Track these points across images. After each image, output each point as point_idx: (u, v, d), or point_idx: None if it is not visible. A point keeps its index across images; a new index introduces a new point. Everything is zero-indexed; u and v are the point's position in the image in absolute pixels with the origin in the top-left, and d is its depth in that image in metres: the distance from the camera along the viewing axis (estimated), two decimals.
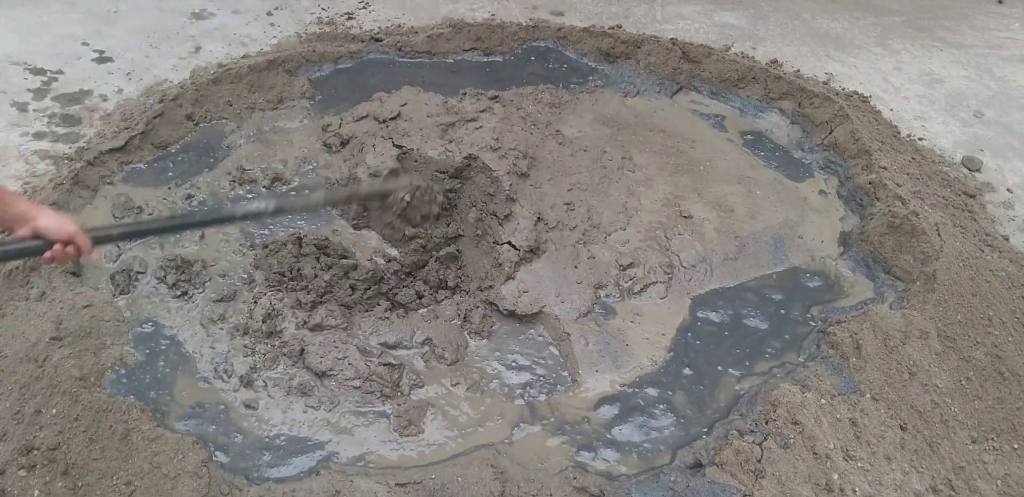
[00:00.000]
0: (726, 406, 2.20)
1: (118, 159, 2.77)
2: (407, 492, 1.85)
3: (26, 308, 2.18)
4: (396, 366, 2.21)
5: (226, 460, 1.95)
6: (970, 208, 2.95)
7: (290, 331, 2.28)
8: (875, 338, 2.30)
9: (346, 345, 2.23)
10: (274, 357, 2.20)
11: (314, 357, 2.18)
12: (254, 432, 2.03)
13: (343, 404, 2.12)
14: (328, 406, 2.10)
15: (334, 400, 2.12)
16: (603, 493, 1.90)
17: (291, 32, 3.72)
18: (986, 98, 3.79)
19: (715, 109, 3.52)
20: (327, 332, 2.27)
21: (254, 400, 2.10)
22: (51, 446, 1.82)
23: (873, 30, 4.40)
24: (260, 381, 2.15)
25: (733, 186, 2.99)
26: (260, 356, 2.20)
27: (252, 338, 2.24)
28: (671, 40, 3.68)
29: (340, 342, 2.24)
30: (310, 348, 2.21)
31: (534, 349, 2.36)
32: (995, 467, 2.08)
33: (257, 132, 3.05)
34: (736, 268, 2.68)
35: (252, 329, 2.26)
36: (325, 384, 2.15)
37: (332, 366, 2.17)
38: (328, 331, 2.27)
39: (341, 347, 2.22)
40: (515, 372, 2.28)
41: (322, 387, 2.14)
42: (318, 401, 2.11)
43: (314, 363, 2.17)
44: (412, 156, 2.61)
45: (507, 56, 3.72)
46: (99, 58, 3.37)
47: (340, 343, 2.24)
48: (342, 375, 2.16)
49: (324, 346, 2.22)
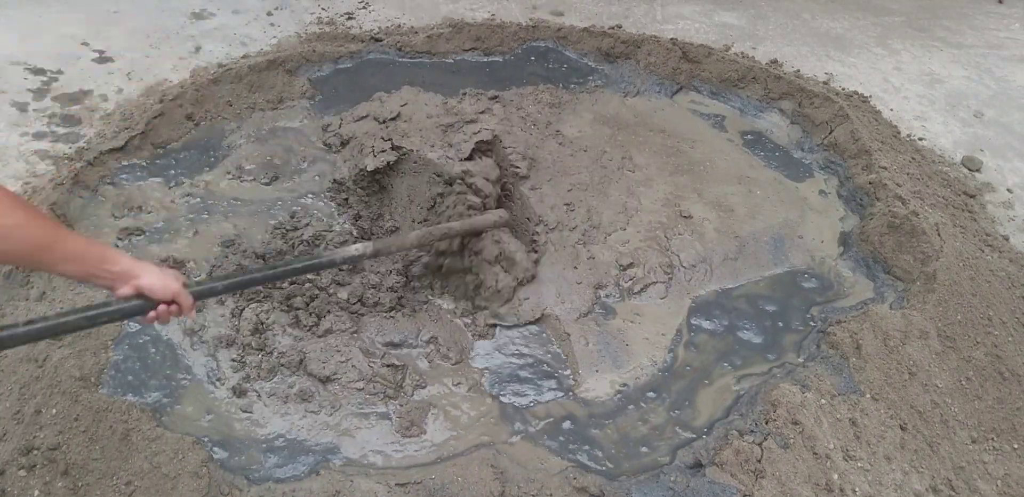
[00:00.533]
0: (726, 406, 2.20)
1: (118, 159, 2.77)
2: (407, 492, 1.85)
3: (26, 308, 2.18)
4: (399, 367, 2.20)
5: (226, 459, 1.94)
6: (970, 208, 2.95)
7: (286, 342, 2.24)
8: (875, 338, 2.30)
9: (349, 348, 2.23)
10: (270, 368, 2.16)
11: (316, 364, 2.17)
12: (251, 435, 2.02)
13: (345, 407, 2.11)
14: (329, 410, 2.10)
15: (336, 404, 2.11)
16: (603, 493, 1.90)
17: (291, 32, 3.72)
18: (986, 98, 3.79)
19: (715, 109, 3.52)
20: (331, 337, 2.26)
21: (248, 405, 2.08)
22: (51, 446, 1.82)
23: (873, 30, 4.40)
24: (253, 392, 2.11)
25: (733, 186, 2.99)
26: (253, 369, 2.15)
27: (240, 351, 2.19)
28: (671, 40, 3.68)
29: (343, 345, 2.23)
30: (311, 355, 2.19)
31: (535, 348, 2.36)
32: (995, 467, 2.08)
33: (257, 132, 3.05)
34: (736, 268, 2.68)
35: (240, 342, 2.21)
36: (328, 389, 2.14)
37: (336, 370, 2.16)
38: (335, 335, 2.27)
39: (344, 350, 2.21)
40: (516, 371, 2.28)
41: (324, 392, 2.13)
42: (319, 406, 2.10)
43: (316, 369, 2.16)
44: (412, 158, 2.61)
45: (507, 56, 3.72)
46: (99, 58, 3.37)
47: (343, 346, 2.23)
48: (346, 378, 2.16)
49: (326, 351, 2.21)
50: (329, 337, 2.26)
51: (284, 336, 2.25)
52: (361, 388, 2.14)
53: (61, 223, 1.83)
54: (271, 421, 2.06)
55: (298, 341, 2.24)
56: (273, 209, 2.70)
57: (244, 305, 2.32)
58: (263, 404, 2.09)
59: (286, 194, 2.78)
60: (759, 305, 2.55)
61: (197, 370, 2.15)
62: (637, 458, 2.05)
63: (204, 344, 2.22)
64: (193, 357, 2.19)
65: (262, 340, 2.23)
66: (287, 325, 2.28)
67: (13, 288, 2.23)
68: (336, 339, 2.25)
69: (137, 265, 1.36)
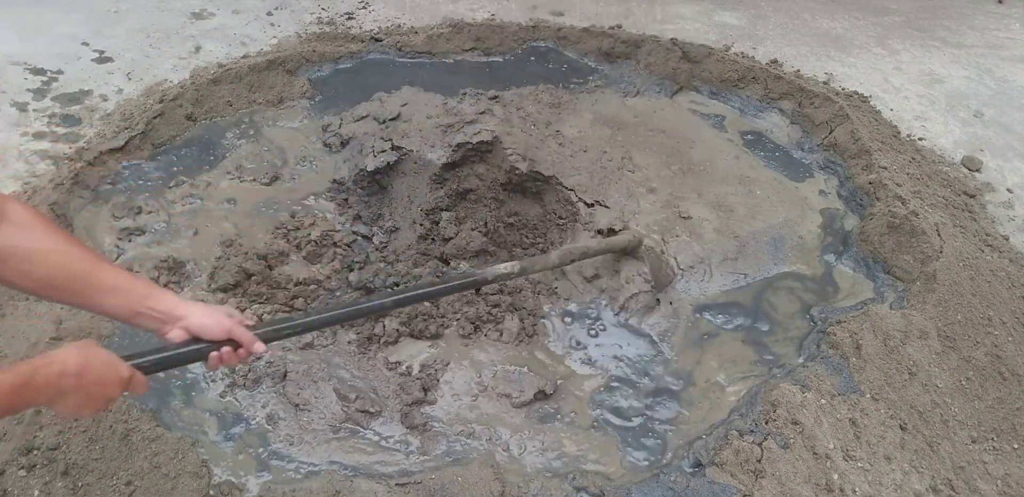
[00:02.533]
0: (726, 406, 2.20)
1: (118, 159, 2.77)
2: (407, 492, 1.85)
3: (26, 308, 2.18)
4: (374, 413, 2.07)
5: (218, 463, 1.94)
6: (970, 208, 2.95)
7: (275, 351, 2.18)
8: (875, 338, 2.30)
9: (325, 383, 2.11)
10: (256, 379, 2.11)
11: (292, 386, 2.09)
12: (245, 438, 2.01)
13: (307, 443, 1.99)
14: (286, 443, 1.98)
15: (299, 439, 1.99)
16: (603, 493, 1.90)
17: (291, 32, 3.72)
18: (986, 98, 3.79)
19: (715, 109, 3.52)
20: (314, 352, 2.17)
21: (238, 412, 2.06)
22: (51, 446, 1.82)
23: (873, 30, 4.40)
24: (235, 400, 2.07)
25: (733, 186, 2.99)
26: (240, 376, 2.10)
27: None
28: (671, 40, 3.68)
29: (321, 380, 2.12)
30: (291, 376, 2.11)
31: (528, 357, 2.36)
32: (995, 467, 2.08)
33: (257, 132, 3.05)
34: (736, 269, 2.68)
35: None
36: (299, 418, 2.04)
37: (307, 401, 2.06)
38: (316, 350, 2.18)
39: (321, 386, 2.10)
40: (515, 372, 2.27)
41: (293, 420, 2.03)
42: (279, 436, 1.99)
43: (291, 393, 2.08)
44: (412, 158, 2.61)
45: (507, 56, 3.72)
46: (99, 58, 3.37)
47: (321, 381, 2.11)
48: (316, 412, 2.05)
49: (306, 376, 2.11)
50: (311, 352, 2.17)
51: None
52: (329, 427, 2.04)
53: (102, 255, 1.67)
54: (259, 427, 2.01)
55: (286, 351, 2.18)
56: (273, 209, 2.70)
57: (246, 306, 2.31)
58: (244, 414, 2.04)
59: (286, 194, 2.78)
60: (759, 305, 2.55)
61: (196, 369, 2.14)
62: (637, 458, 2.05)
63: None
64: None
65: None
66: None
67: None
68: (318, 366, 2.15)
69: (183, 304, 1.22)
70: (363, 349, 2.24)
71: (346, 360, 2.21)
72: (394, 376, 2.18)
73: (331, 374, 2.15)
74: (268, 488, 1.85)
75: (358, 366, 2.20)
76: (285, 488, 1.84)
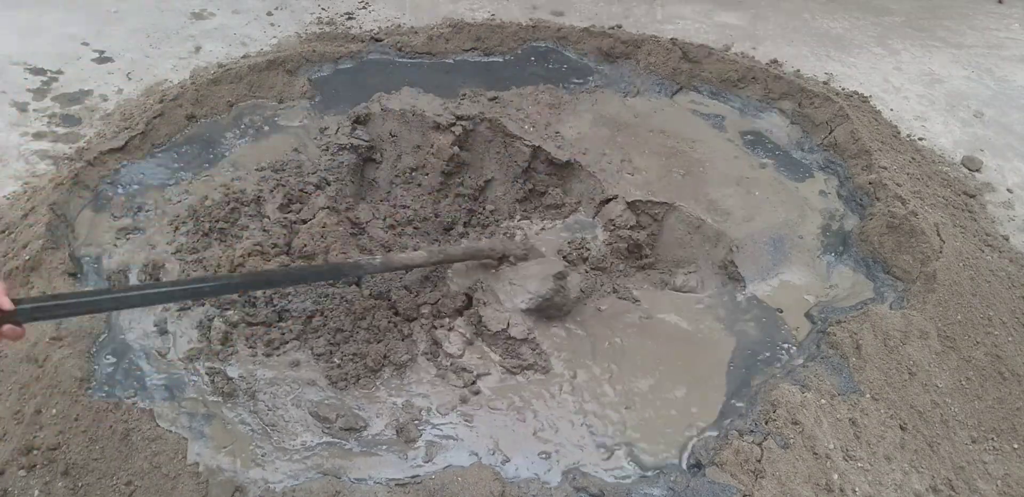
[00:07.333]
0: (726, 407, 2.20)
1: (118, 159, 2.77)
2: (407, 492, 1.85)
3: None
4: (358, 429, 2.03)
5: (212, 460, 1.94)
6: (970, 208, 2.95)
7: (245, 357, 2.15)
8: (875, 338, 2.30)
9: (300, 409, 2.06)
10: (230, 392, 2.07)
11: (262, 406, 2.05)
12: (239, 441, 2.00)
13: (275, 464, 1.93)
14: (260, 459, 1.93)
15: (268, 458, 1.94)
16: (603, 493, 1.90)
17: (291, 32, 3.72)
18: (986, 98, 3.79)
19: (715, 109, 3.52)
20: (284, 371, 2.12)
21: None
22: (51, 446, 1.82)
23: (873, 30, 4.40)
24: (219, 416, 2.03)
25: (733, 187, 2.99)
26: (216, 386, 2.08)
27: (207, 362, 2.13)
28: (671, 40, 3.67)
29: (296, 402, 2.07)
30: (260, 396, 2.07)
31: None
32: (995, 467, 2.08)
33: (256, 132, 3.05)
34: (735, 269, 2.68)
35: (210, 352, 2.15)
36: (272, 438, 1.98)
37: (275, 423, 2.01)
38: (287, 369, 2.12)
39: (294, 411, 2.05)
40: (512, 373, 2.28)
41: (266, 438, 1.98)
42: (253, 456, 1.93)
43: (261, 410, 2.04)
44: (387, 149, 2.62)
45: (507, 56, 3.72)
46: (99, 58, 3.37)
47: (297, 403, 2.06)
48: (288, 433, 2.00)
49: (276, 397, 2.07)
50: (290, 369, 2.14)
51: (245, 348, 2.16)
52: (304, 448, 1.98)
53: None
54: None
55: (256, 364, 2.14)
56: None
57: (214, 313, 2.25)
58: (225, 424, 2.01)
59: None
60: (758, 306, 2.55)
61: (186, 380, 2.11)
62: (636, 458, 2.05)
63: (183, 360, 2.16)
64: (175, 367, 2.14)
65: (228, 353, 2.15)
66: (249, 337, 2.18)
67: (13, 288, 2.23)
68: (291, 385, 2.11)
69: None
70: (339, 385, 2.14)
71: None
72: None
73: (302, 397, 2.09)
74: (268, 488, 1.85)
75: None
76: (285, 488, 1.84)
